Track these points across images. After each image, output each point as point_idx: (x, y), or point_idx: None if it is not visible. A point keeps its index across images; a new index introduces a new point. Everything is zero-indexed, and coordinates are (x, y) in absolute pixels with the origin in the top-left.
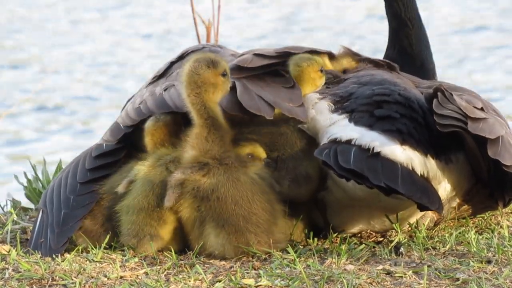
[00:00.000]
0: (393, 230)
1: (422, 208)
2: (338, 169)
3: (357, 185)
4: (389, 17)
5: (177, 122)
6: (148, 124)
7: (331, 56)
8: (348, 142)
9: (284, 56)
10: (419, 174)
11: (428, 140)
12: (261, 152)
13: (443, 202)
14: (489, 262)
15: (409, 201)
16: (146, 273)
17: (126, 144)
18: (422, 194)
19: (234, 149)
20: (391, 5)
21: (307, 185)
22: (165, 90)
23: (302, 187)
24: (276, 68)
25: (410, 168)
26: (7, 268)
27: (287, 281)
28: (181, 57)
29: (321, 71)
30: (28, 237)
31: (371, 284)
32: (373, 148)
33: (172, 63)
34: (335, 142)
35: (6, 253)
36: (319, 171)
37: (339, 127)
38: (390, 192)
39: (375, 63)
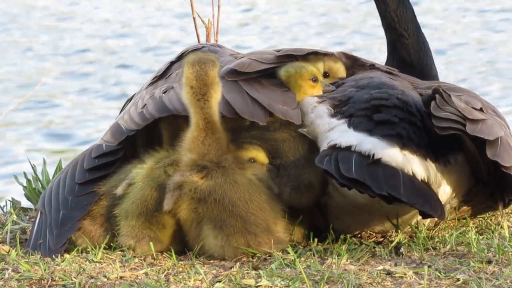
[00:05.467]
0: (394, 231)
1: (425, 215)
2: (340, 178)
3: (358, 193)
4: (384, 28)
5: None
6: None
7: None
8: (348, 148)
9: (285, 59)
10: (420, 179)
11: (427, 143)
12: (264, 158)
13: (443, 204)
14: (489, 262)
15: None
16: (146, 273)
17: (126, 144)
18: (424, 202)
19: (234, 152)
20: (385, 16)
21: (308, 193)
22: (164, 92)
23: (303, 195)
24: (274, 69)
25: (411, 173)
26: (7, 269)
27: (287, 281)
28: (181, 57)
29: (314, 80)
30: (28, 238)
31: (372, 284)
32: (373, 154)
33: (171, 63)
34: (335, 148)
35: (5, 253)
36: (321, 179)
37: (338, 133)
38: (393, 200)
39: (373, 66)
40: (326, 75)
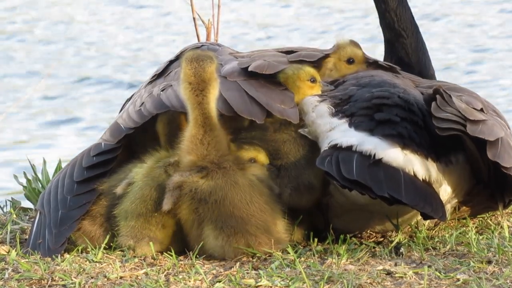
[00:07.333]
0: (394, 230)
1: (426, 217)
2: (341, 180)
3: (359, 193)
4: (383, 28)
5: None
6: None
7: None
8: (349, 148)
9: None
10: (421, 179)
11: (429, 142)
12: (264, 158)
13: (444, 204)
14: (489, 262)
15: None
16: (146, 274)
17: (125, 142)
18: (426, 203)
19: (235, 152)
20: (384, 16)
21: (309, 195)
22: (162, 90)
23: (303, 197)
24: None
25: (412, 174)
26: (7, 269)
27: (287, 281)
28: (180, 56)
29: (312, 80)
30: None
31: (371, 284)
32: (374, 155)
33: (170, 62)
34: (335, 148)
35: (5, 253)
36: (322, 180)
37: (339, 132)
38: (394, 202)
39: (376, 64)
40: (350, 61)
